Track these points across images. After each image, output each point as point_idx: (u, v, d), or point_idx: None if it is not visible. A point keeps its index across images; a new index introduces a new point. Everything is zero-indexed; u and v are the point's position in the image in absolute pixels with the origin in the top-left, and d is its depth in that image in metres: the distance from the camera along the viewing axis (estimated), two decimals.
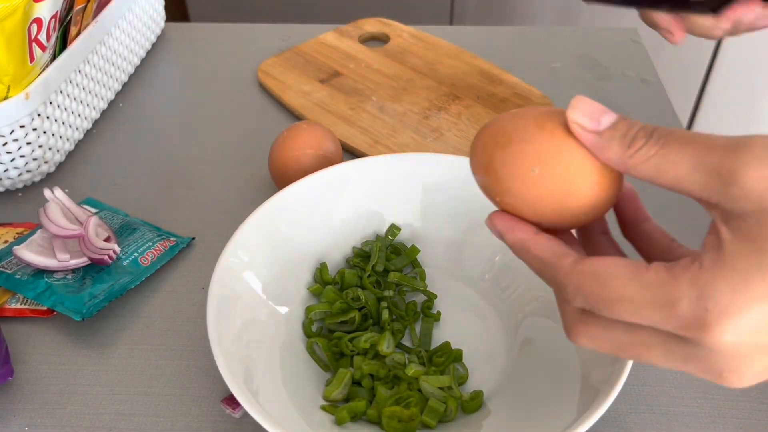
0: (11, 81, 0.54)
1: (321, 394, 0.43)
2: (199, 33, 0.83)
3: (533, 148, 0.31)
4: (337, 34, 0.79)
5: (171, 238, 0.55)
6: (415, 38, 0.78)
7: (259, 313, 0.45)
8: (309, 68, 0.73)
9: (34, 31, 0.54)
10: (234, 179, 0.62)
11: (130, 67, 0.73)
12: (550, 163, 0.30)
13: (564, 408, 0.39)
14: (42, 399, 0.45)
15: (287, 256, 0.48)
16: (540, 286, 0.48)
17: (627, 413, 0.43)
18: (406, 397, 0.42)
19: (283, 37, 0.80)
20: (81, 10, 0.61)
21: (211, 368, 0.46)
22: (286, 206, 0.49)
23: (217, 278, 0.43)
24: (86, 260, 0.50)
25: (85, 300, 0.48)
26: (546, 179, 0.30)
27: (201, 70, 0.77)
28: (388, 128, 0.65)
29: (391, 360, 0.44)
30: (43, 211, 0.51)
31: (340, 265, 0.51)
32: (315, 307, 0.47)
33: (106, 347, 0.48)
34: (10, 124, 0.55)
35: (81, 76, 0.63)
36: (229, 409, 0.44)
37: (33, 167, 0.59)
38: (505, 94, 0.69)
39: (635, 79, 0.73)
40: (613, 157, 0.29)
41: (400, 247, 0.52)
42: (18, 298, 0.50)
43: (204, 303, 0.42)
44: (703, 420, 0.43)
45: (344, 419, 0.41)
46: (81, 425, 0.44)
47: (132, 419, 0.44)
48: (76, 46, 0.61)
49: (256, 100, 0.72)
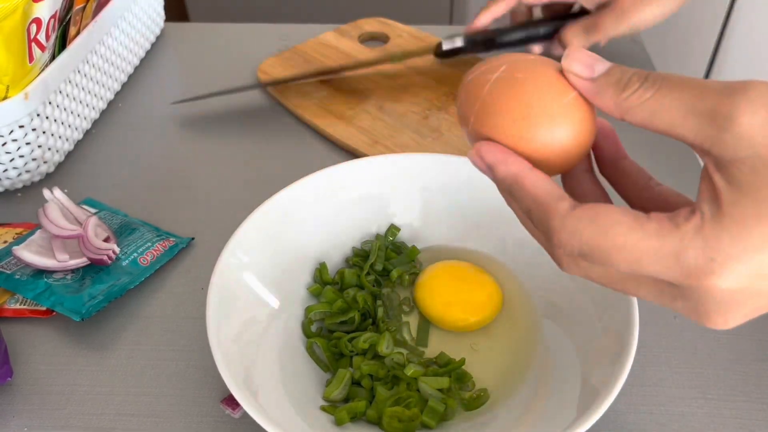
0: (10, 81, 0.54)
1: (320, 394, 0.43)
2: (198, 33, 0.83)
3: (527, 87, 0.30)
4: (336, 34, 0.79)
5: (170, 238, 0.55)
6: (415, 38, 0.78)
7: (258, 314, 0.45)
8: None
9: (34, 31, 0.54)
10: (233, 179, 0.62)
11: (130, 67, 0.73)
12: (543, 102, 0.29)
13: (564, 408, 0.39)
14: (41, 399, 0.45)
15: (287, 257, 0.48)
16: (538, 285, 0.48)
17: (627, 413, 0.43)
18: (406, 397, 0.42)
19: (283, 37, 0.80)
20: (80, 10, 0.61)
21: (211, 368, 0.46)
22: (286, 206, 0.49)
23: (216, 278, 0.43)
24: (85, 260, 0.50)
25: (85, 300, 0.48)
26: (537, 119, 0.29)
27: (200, 70, 0.77)
28: (388, 128, 0.65)
29: (391, 360, 0.44)
30: (42, 212, 0.51)
31: (340, 265, 0.51)
32: (314, 308, 0.47)
33: (106, 347, 0.48)
34: (9, 125, 0.55)
35: (80, 76, 0.63)
36: (229, 410, 0.44)
37: (32, 167, 0.59)
38: None
39: None
40: (608, 102, 0.28)
41: (400, 247, 0.51)
42: (17, 299, 0.50)
43: (203, 303, 0.42)
44: (703, 420, 0.43)
45: (344, 419, 0.41)
46: (80, 425, 0.44)
47: (131, 419, 0.44)
48: (76, 46, 0.61)
49: (255, 100, 0.72)
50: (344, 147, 0.64)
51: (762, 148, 0.25)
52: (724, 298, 0.26)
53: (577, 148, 0.31)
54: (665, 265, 0.26)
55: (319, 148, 0.65)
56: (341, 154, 0.64)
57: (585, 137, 0.31)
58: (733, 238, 0.25)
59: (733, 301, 0.26)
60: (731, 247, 0.25)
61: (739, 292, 0.26)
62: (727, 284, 0.26)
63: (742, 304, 0.27)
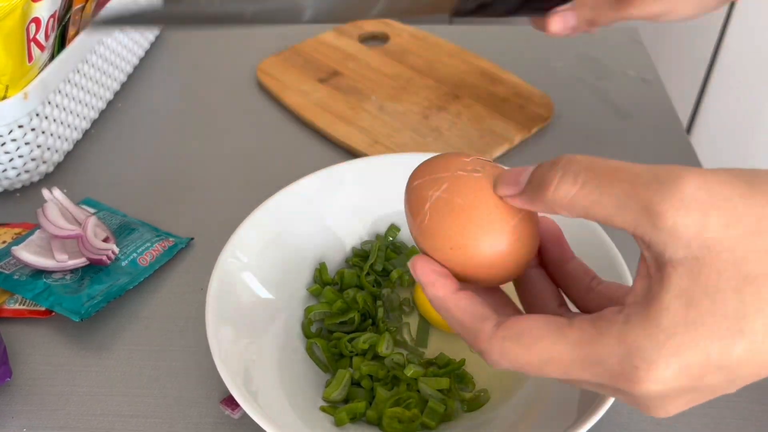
0: (9, 81, 0.53)
1: (320, 395, 0.43)
2: (197, 32, 0.83)
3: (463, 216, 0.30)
4: (336, 33, 0.79)
5: (170, 238, 0.55)
6: (415, 38, 0.78)
7: (258, 314, 0.45)
8: (308, 68, 0.73)
9: (33, 31, 0.54)
10: (233, 179, 0.62)
11: (129, 66, 0.73)
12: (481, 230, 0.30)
13: (564, 408, 0.39)
14: (40, 400, 0.45)
15: (286, 257, 0.48)
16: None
17: (627, 413, 0.43)
18: (406, 398, 0.42)
19: (282, 36, 0.80)
20: (79, 10, 0.61)
21: (210, 369, 0.46)
22: (285, 206, 0.49)
23: (216, 279, 0.43)
24: (85, 261, 0.50)
25: (84, 300, 0.48)
26: (474, 249, 0.30)
27: (200, 70, 0.77)
28: (388, 128, 0.65)
29: (390, 361, 0.44)
30: (41, 212, 0.51)
31: (340, 266, 0.51)
32: (314, 308, 0.47)
33: (105, 348, 0.48)
34: (8, 124, 0.54)
35: (79, 76, 0.63)
36: (228, 410, 0.44)
37: (31, 167, 0.59)
38: (506, 94, 0.69)
39: (635, 79, 0.73)
40: (540, 206, 0.29)
41: (400, 247, 0.51)
42: (16, 299, 0.50)
43: (203, 304, 0.42)
44: (703, 420, 0.43)
45: (343, 420, 0.41)
46: (80, 426, 0.44)
47: (131, 420, 0.44)
48: (75, 45, 0.61)
49: (255, 99, 0.72)
50: (344, 147, 0.64)
51: (698, 250, 0.24)
52: (659, 395, 0.26)
53: (515, 264, 0.31)
54: (593, 372, 0.27)
55: (318, 148, 0.65)
56: (341, 154, 0.64)
57: (526, 251, 0.31)
58: (657, 347, 0.25)
59: (666, 398, 0.27)
60: (656, 354, 0.25)
61: (671, 390, 0.26)
62: (656, 387, 0.26)
63: (674, 399, 0.27)
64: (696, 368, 0.25)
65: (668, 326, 0.25)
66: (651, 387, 0.26)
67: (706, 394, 0.27)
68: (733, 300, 0.24)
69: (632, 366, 0.26)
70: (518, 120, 0.65)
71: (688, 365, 0.25)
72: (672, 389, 0.26)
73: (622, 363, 0.26)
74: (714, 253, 0.24)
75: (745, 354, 0.25)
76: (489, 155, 0.62)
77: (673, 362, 0.25)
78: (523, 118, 0.66)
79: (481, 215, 0.30)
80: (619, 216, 0.26)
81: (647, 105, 0.69)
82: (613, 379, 0.26)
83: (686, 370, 0.25)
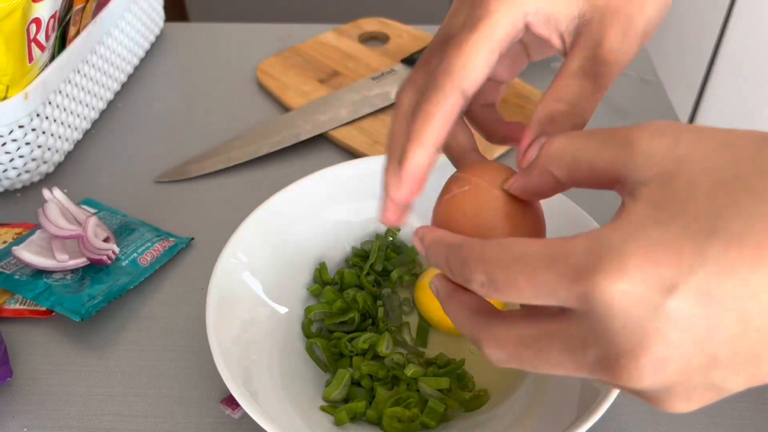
0: (10, 81, 0.53)
1: (320, 394, 0.43)
2: (198, 33, 0.83)
3: (464, 214, 0.33)
4: (336, 33, 0.79)
5: (170, 238, 0.55)
6: (415, 38, 0.78)
7: (258, 314, 0.45)
8: (308, 68, 0.73)
9: (33, 31, 0.54)
10: (233, 179, 0.62)
11: (129, 67, 0.73)
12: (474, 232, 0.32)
13: (564, 408, 0.39)
14: (41, 400, 0.45)
15: (286, 257, 0.48)
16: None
17: (627, 413, 0.43)
18: (406, 397, 0.42)
19: (283, 36, 0.80)
20: (80, 10, 0.61)
21: (211, 369, 0.46)
22: (286, 206, 0.49)
23: (216, 279, 0.43)
24: (85, 261, 0.50)
25: (84, 300, 0.48)
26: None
27: (200, 70, 0.77)
28: (388, 128, 0.65)
29: (390, 361, 0.44)
30: (41, 212, 0.51)
31: (340, 266, 0.51)
32: (314, 308, 0.47)
33: (105, 348, 0.48)
34: (8, 125, 0.54)
35: (80, 76, 0.63)
36: (229, 410, 0.44)
37: (32, 167, 0.59)
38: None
39: (635, 79, 0.73)
40: (536, 170, 0.30)
41: (400, 247, 0.51)
42: (17, 299, 0.50)
43: (203, 303, 0.42)
44: (703, 420, 0.43)
45: (343, 420, 0.41)
46: (80, 426, 0.44)
47: (131, 420, 0.44)
48: (75, 46, 0.61)
49: (255, 100, 0.72)
50: (344, 147, 0.64)
51: (670, 164, 0.25)
52: (622, 313, 0.23)
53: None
54: (557, 270, 0.25)
55: (319, 148, 0.65)
56: (341, 154, 0.64)
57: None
58: (623, 238, 0.24)
59: (637, 312, 0.23)
60: (623, 245, 0.23)
61: (641, 300, 0.23)
62: (623, 287, 0.23)
63: (651, 318, 0.23)
64: (668, 272, 0.23)
65: (637, 222, 0.24)
66: (616, 286, 0.23)
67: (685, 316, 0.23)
68: (705, 202, 0.24)
69: (597, 256, 0.24)
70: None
71: (657, 262, 0.23)
72: (642, 295, 0.23)
73: (587, 254, 0.24)
74: (685, 163, 0.25)
75: (721, 256, 0.22)
76: (489, 155, 0.62)
77: (641, 255, 0.23)
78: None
79: (481, 224, 0.32)
80: (603, 153, 0.27)
81: (647, 105, 0.69)
82: (574, 276, 0.24)
83: (656, 270, 0.23)
